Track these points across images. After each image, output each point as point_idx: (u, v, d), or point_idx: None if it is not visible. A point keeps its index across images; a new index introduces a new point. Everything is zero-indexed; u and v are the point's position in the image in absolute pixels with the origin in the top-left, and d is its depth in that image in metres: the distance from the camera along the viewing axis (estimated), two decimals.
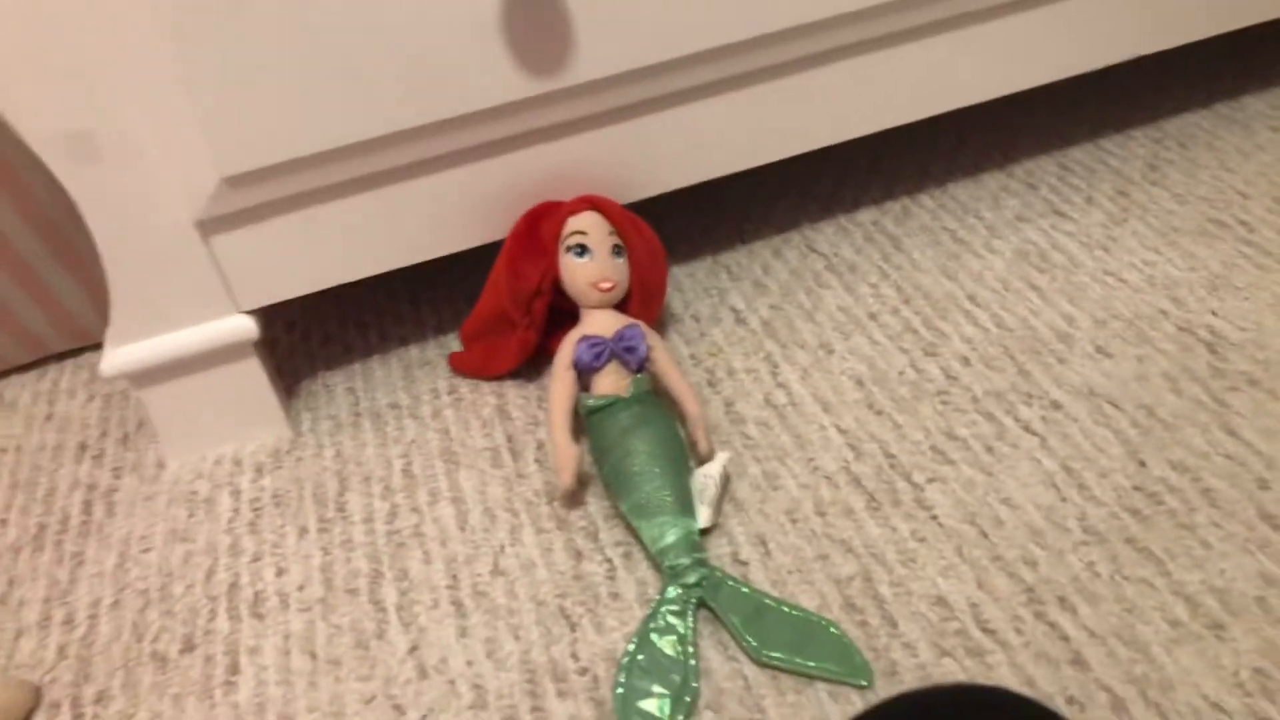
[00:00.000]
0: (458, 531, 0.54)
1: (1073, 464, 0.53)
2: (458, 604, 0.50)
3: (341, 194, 0.56)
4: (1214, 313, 0.61)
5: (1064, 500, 0.51)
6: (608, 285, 0.56)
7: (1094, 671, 0.44)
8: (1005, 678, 0.44)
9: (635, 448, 0.52)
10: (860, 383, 0.59)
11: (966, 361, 0.60)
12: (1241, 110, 0.77)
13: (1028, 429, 0.55)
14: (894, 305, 0.64)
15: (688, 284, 0.69)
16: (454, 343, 0.66)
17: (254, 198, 0.54)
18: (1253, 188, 0.70)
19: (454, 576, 0.52)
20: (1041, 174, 0.74)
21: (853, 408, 0.58)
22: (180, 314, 0.56)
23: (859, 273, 0.67)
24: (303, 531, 0.55)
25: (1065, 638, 0.45)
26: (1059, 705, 0.43)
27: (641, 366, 0.56)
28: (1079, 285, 0.64)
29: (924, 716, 0.32)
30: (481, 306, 0.61)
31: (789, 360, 0.62)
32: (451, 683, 0.47)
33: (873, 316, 0.64)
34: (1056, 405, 0.56)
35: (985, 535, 0.50)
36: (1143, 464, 0.52)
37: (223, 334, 0.57)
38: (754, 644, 0.46)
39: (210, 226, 0.55)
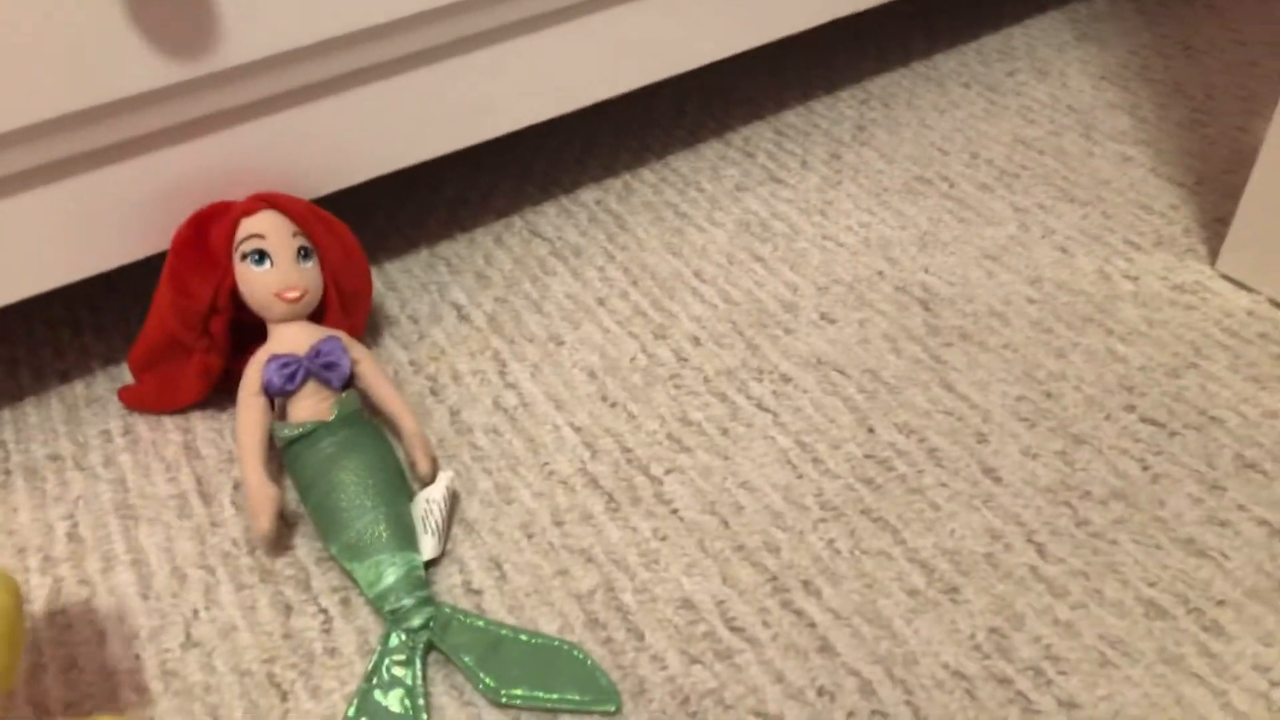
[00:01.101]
0: (139, 601, 0.46)
1: (806, 438, 0.52)
2: (141, 690, 0.42)
3: None
4: (926, 270, 0.62)
5: (800, 477, 0.50)
6: (294, 294, 0.49)
7: (841, 656, 0.43)
8: (756, 678, 0.42)
9: (341, 480, 0.46)
10: (593, 374, 0.56)
11: (696, 341, 0.58)
12: (935, 69, 0.80)
13: (760, 406, 0.54)
14: (622, 288, 0.61)
15: (403, 281, 0.63)
16: (128, 374, 0.57)
17: None
18: (950, 144, 0.72)
19: (136, 657, 0.44)
20: (758, 140, 0.73)
21: (586, 402, 0.54)
22: None
23: (585, 256, 0.64)
24: None
25: (812, 624, 0.44)
26: (811, 699, 0.41)
27: (347, 383, 0.50)
28: (800, 252, 0.63)
29: None
30: (149, 331, 0.52)
31: (518, 357, 0.57)
32: None
33: (601, 302, 0.60)
34: (786, 378, 0.55)
35: (726, 524, 0.48)
36: (872, 430, 0.52)
37: None
38: (491, 684, 0.41)
39: None
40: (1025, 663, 0.42)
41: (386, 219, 0.67)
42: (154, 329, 0.51)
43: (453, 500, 0.49)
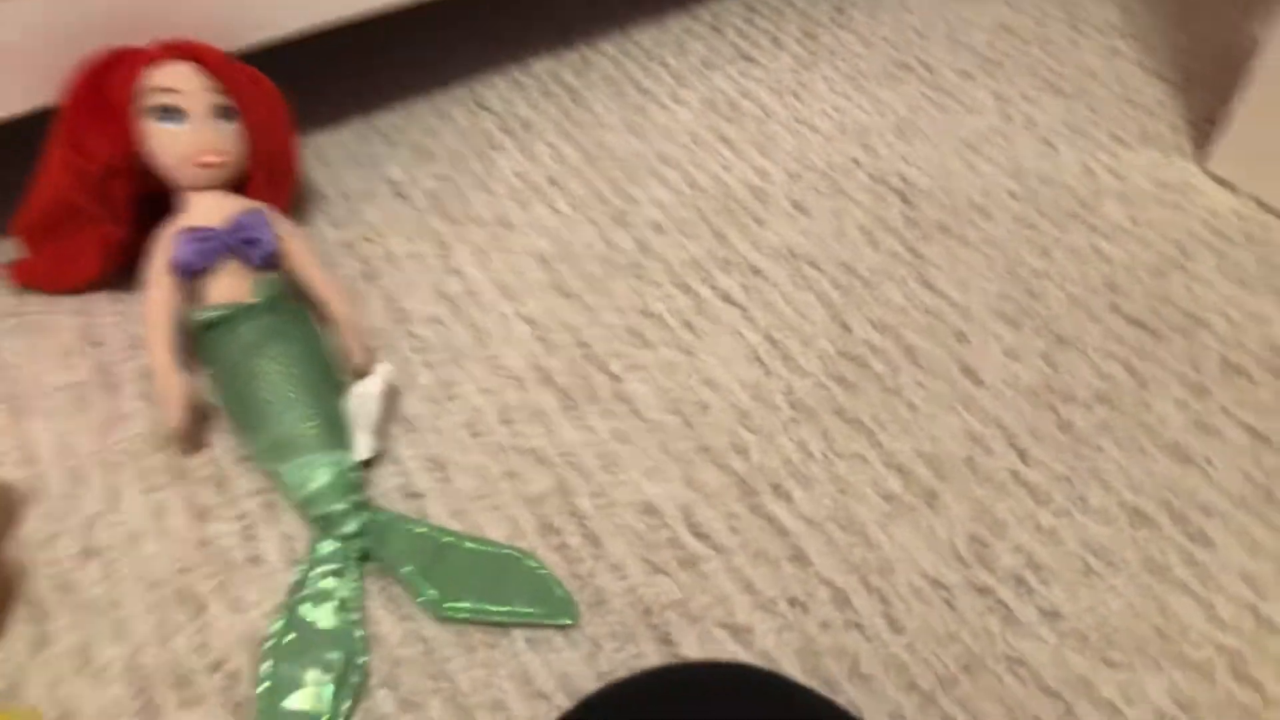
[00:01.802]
0: (30, 504, 0.41)
1: (776, 334, 0.48)
2: (34, 604, 0.38)
3: None
4: (904, 159, 0.58)
5: (770, 375, 0.47)
6: (213, 159, 0.43)
7: (814, 565, 0.40)
8: (723, 586, 0.39)
9: (264, 369, 0.41)
10: (545, 261, 0.51)
11: (659, 228, 0.53)
12: None
13: (728, 299, 0.50)
14: (578, 168, 0.56)
15: (333, 153, 0.56)
16: (16, 248, 0.50)
17: None
18: (930, 29, 0.67)
19: (27, 567, 0.39)
20: (727, 16, 0.67)
21: (538, 291, 0.50)
22: None
23: (536, 131, 0.58)
24: None
25: (783, 531, 0.41)
26: (782, 610, 0.38)
27: (271, 263, 0.44)
28: (771, 136, 0.58)
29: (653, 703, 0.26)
30: (39, 193, 0.45)
31: (462, 239, 0.52)
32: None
33: (555, 182, 0.55)
34: (756, 270, 0.51)
35: (690, 425, 0.44)
36: (846, 327, 0.49)
37: None
38: (434, 596, 0.37)
39: None
40: (1007, 571, 0.40)
41: (316, 83, 0.61)
42: (45, 192, 0.45)
43: (390, 395, 0.44)
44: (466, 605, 0.37)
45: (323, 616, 0.37)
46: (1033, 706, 0.36)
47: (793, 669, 0.37)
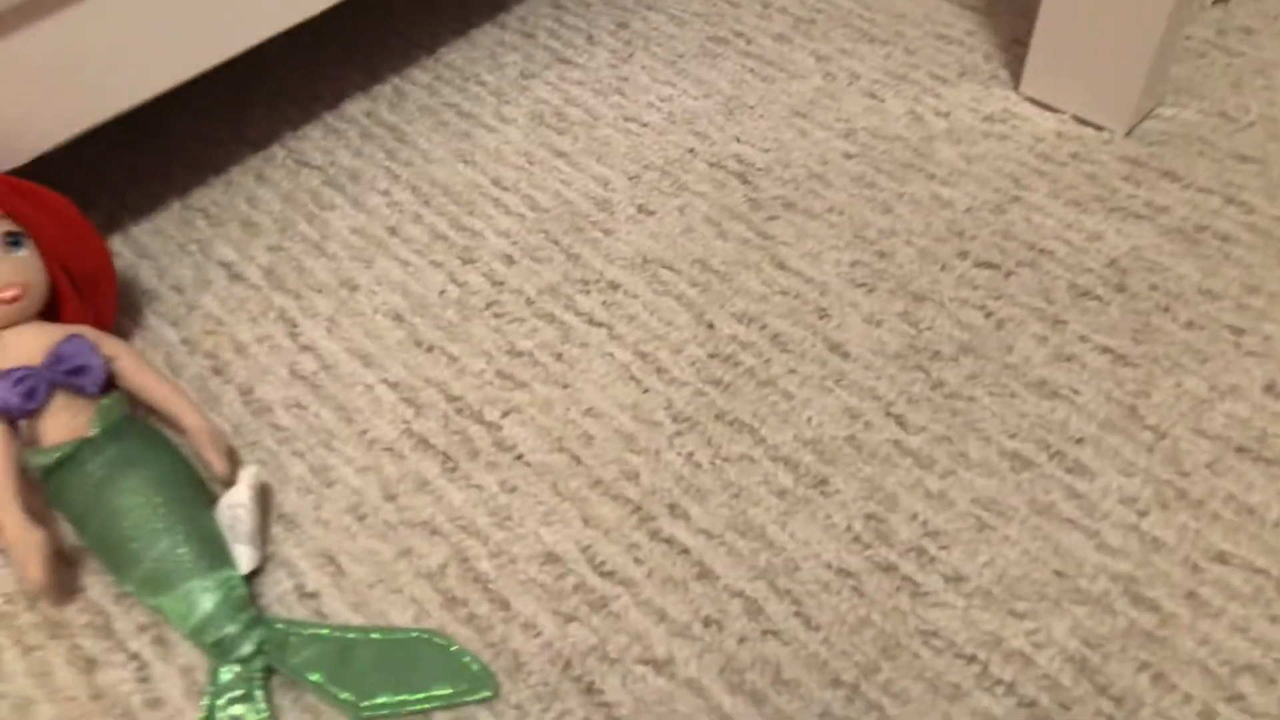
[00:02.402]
0: None
1: (645, 347, 0.48)
2: None
3: None
4: (737, 139, 0.58)
5: (647, 392, 0.46)
6: (11, 293, 0.41)
7: (721, 579, 0.40)
8: (637, 622, 0.39)
9: (121, 505, 0.39)
10: (399, 317, 0.50)
11: (509, 259, 0.52)
12: None
13: (592, 321, 0.49)
14: (415, 212, 0.54)
15: (155, 244, 0.54)
16: None
17: None
18: None
19: None
20: (537, 20, 0.66)
21: (397, 351, 0.48)
22: None
23: (365, 181, 0.56)
24: None
25: (685, 550, 0.41)
26: (698, 632, 0.39)
27: (106, 387, 0.42)
28: (604, 140, 0.58)
29: None
30: None
31: (308, 312, 0.50)
32: None
33: (393, 231, 0.54)
34: (614, 285, 0.51)
35: (578, 460, 0.44)
36: (711, 326, 0.49)
37: None
38: (349, 698, 0.36)
39: None
40: (906, 544, 0.41)
41: (119, 172, 0.57)
42: None
43: (263, 497, 0.42)
44: (384, 700, 0.37)
45: None
46: (951, 674, 0.37)
47: (718, 690, 0.37)
